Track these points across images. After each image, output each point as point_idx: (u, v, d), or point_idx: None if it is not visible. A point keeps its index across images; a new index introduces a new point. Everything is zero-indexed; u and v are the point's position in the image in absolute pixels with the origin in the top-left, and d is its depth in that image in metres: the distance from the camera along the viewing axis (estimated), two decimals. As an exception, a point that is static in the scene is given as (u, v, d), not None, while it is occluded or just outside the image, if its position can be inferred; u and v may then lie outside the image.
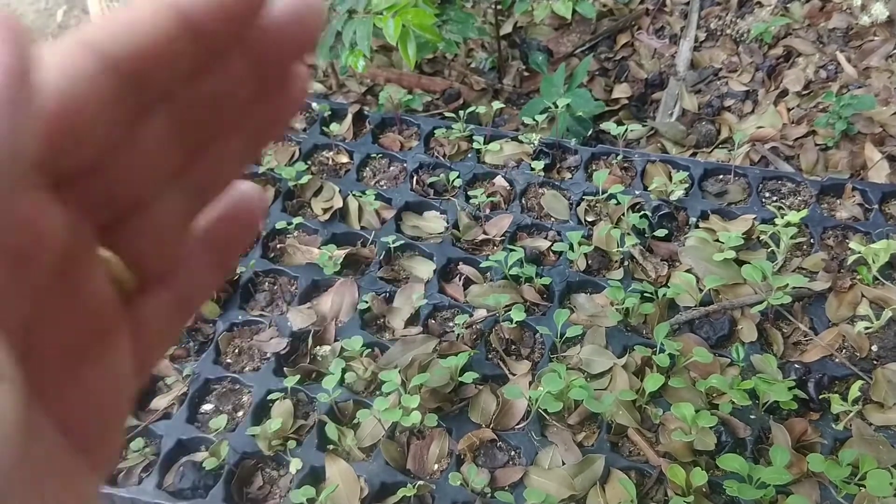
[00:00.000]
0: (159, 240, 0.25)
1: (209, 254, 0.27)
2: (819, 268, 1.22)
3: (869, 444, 1.03)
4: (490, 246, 1.33)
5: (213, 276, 0.28)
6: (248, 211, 0.28)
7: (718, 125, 1.65)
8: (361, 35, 1.35)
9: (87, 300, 0.23)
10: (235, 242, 0.28)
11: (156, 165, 0.23)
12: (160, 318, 0.26)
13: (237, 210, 0.28)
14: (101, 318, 0.23)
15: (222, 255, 0.28)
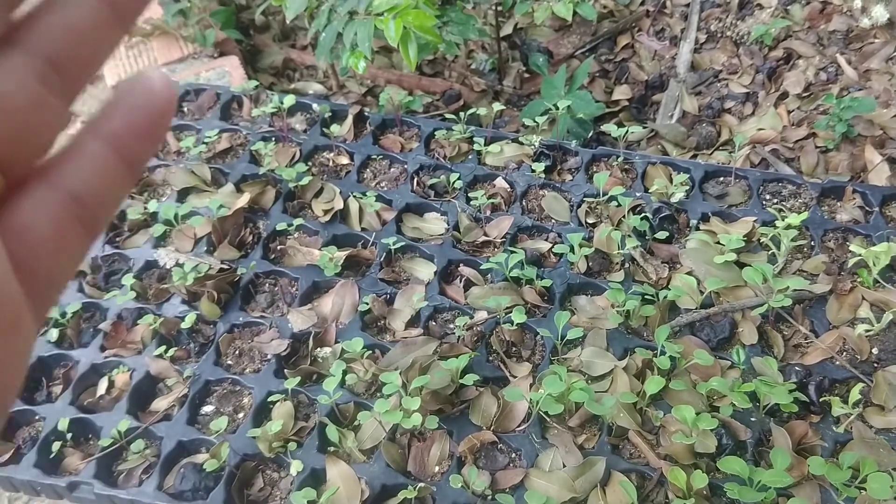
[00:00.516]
0: (9, 116, 0.22)
1: (112, 154, 0.24)
2: (820, 270, 1.22)
3: (869, 446, 1.03)
4: (491, 248, 1.33)
5: (119, 180, 0.25)
6: (154, 105, 0.24)
7: (719, 127, 1.65)
8: (362, 36, 1.35)
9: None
10: (141, 140, 0.25)
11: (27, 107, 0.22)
12: (47, 224, 0.23)
13: (137, 104, 0.24)
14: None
15: (128, 154, 0.25)
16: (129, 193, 1.42)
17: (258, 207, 1.40)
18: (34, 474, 1.09)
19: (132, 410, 1.15)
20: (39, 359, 1.23)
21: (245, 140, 1.53)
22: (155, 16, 1.89)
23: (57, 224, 0.23)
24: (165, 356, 1.19)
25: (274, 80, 1.93)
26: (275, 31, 2.04)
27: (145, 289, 1.30)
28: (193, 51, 1.83)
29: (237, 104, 1.61)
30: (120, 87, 0.25)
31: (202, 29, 1.82)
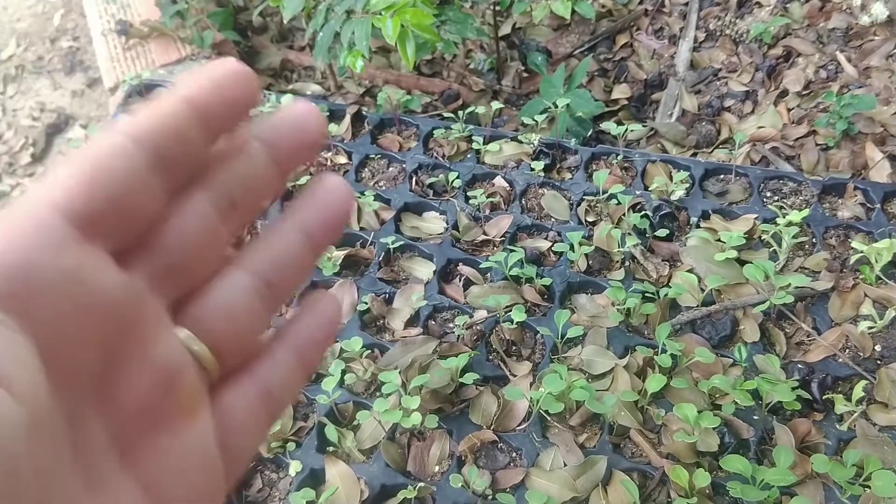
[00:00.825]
0: (232, 319, 0.27)
1: (291, 352, 0.29)
2: (821, 267, 1.21)
3: (873, 444, 1.02)
4: (490, 247, 1.32)
5: (296, 374, 0.29)
6: (325, 324, 0.30)
7: (718, 125, 1.64)
8: (360, 35, 1.34)
9: (160, 366, 0.25)
10: (315, 351, 0.30)
11: (207, 242, 0.27)
12: (245, 410, 0.28)
13: (315, 321, 0.30)
14: (178, 389, 0.25)
15: (303, 355, 0.29)
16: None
17: (256, 207, 1.39)
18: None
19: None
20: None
21: (243, 140, 1.52)
22: (152, 17, 1.89)
23: (252, 410, 0.28)
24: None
25: (272, 81, 1.93)
26: (272, 33, 2.04)
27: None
28: (191, 52, 1.83)
29: (235, 104, 1.61)
30: (304, 302, 0.31)
31: (200, 30, 1.82)
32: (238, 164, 0.27)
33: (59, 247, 0.22)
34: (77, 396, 0.23)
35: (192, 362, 0.26)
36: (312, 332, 0.30)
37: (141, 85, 1.64)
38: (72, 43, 2.78)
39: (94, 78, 2.63)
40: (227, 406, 0.27)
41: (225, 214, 0.27)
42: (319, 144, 0.29)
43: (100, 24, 1.91)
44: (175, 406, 0.25)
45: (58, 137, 2.51)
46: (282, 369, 0.29)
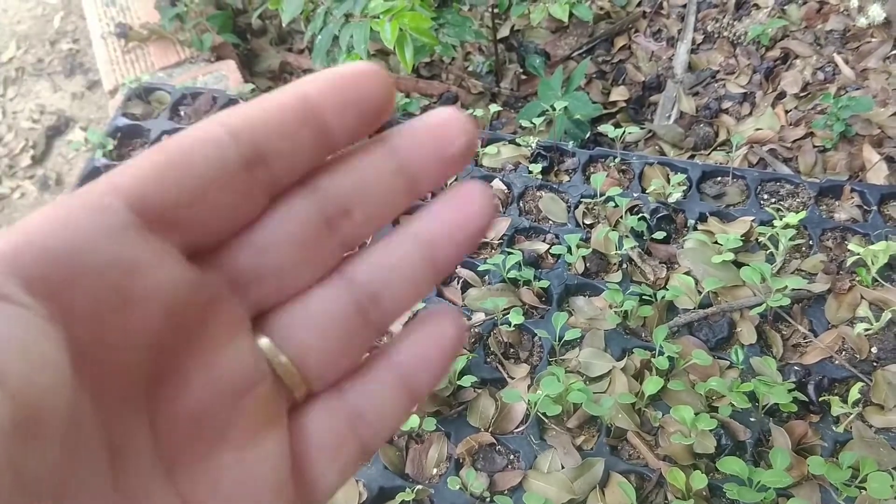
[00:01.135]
0: (323, 332, 0.24)
1: (393, 372, 0.25)
2: (818, 269, 1.22)
3: (869, 446, 1.02)
4: (488, 249, 1.32)
5: (398, 398, 0.25)
6: (441, 342, 0.25)
7: (716, 127, 1.65)
8: (358, 39, 1.35)
9: (227, 375, 0.23)
10: (424, 375, 0.26)
11: (307, 249, 0.24)
12: (330, 435, 0.25)
13: (428, 339, 0.26)
14: (246, 402, 0.23)
15: (408, 376, 0.25)
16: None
17: (255, 210, 1.40)
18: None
19: None
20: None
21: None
22: (152, 20, 1.89)
23: (338, 436, 0.25)
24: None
25: (271, 83, 1.93)
26: (271, 35, 2.04)
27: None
28: (190, 55, 1.84)
29: (234, 107, 1.61)
30: (419, 316, 0.26)
31: (199, 33, 1.83)
32: (357, 170, 0.24)
33: (113, 234, 0.20)
34: (118, 399, 0.20)
35: (270, 376, 0.24)
36: (424, 351, 0.25)
37: (140, 88, 1.65)
38: (72, 45, 2.79)
39: (93, 80, 2.63)
40: (309, 429, 0.25)
41: (334, 223, 0.24)
42: (462, 158, 0.24)
43: (99, 27, 1.92)
44: (241, 422, 0.23)
45: (58, 140, 2.51)
46: (380, 392, 0.25)
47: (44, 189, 2.38)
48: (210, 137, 0.22)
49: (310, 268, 0.24)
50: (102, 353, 0.20)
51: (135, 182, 0.21)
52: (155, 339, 0.21)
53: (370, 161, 0.24)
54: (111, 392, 0.20)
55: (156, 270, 0.21)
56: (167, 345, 0.21)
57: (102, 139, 1.52)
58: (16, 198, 2.36)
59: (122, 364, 0.20)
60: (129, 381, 0.21)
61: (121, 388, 0.20)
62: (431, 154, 0.24)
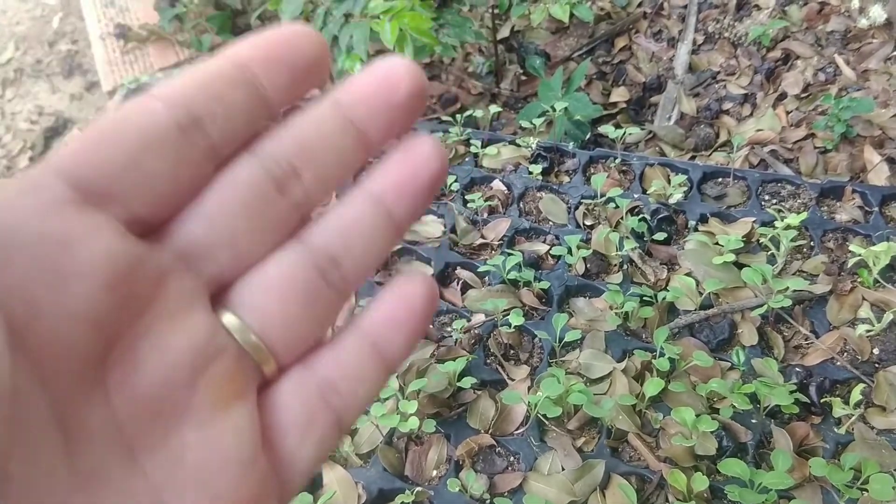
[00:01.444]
0: (284, 302, 0.24)
1: (363, 338, 0.25)
2: (819, 271, 1.21)
3: (871, 447, 1.02)
4: (488, 250, 1.32)
5: (370, 365, 0.25)
6: (410, 304, 0.25)
7: (717, 128, 1.64)
8: (358, 39, 1.34)
9: (184, 350, 0.22)
10: (395, 339, 0.25)
11: (259, 214, 0.23)
12: (302, 408, 0.24)
13: (397, 302, 0.25)
14: (206, 378, 0.22)
15: (379, 341, 0.25)
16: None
17: (254, 211, 1.40)
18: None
19: None
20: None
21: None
22: (151, 21, 1.89)
23: (311, 408, 0.24)
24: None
25: (270, 84, 1.93)
26: (271, 36, 2.04)
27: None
28: (189, 56, 1.83)
29: (233, 108, 1.61)
30: (382, 294, 0.25)
31: (198, 34, 1.82)
32: (301, 130, 0.24)
33: (46, 210, 0.20)
34: (66, 378, 0.20)
35: (232, 350, 0.23)
36: (394, 314, 0.25)
37: (139, 88, 1.64)
38: (70, 46, 2.78)
39: (92, 81, 2.63)
40: (279, 402, 0.24)
41: (284, 186, 0.23)
42: (410, 104, 0.24)
43: (98, 28, 1.92)
44: (202, 398, 0.22)
45: (56, 141, 2.51)
46: (351, 360, 0.25)
47: (43, 190, 2.37)
48: (142, 107, 0.22)
49: (264, 235, 0.24)
50: (42, 330, 0.19)
51: (70, 158, 0.21)
52: (98, 314, 0.20)
53: (314, 119, 0.24)
54: (57, 371, 0.20)
55: (92, 244, 0.20)
56: (113, 320, 0.21)
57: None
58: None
59: (65, 341, 0.20)
60: (76, 358, 0.20)
61: (68, 367, 0.20)
62: (377, 104, 0.24)
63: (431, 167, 0.24)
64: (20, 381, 0.18)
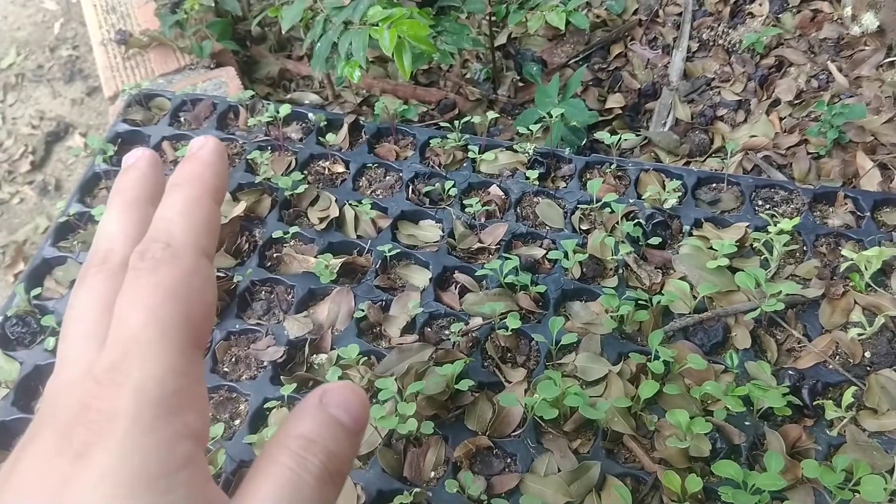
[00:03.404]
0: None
1: None
2: (812, 275, 1.23)
3: (863, 449, 1.03)
4: (485, 254, 1.33)
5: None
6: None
7: (711, 134, 1.66)
8: (357, 46, 1.36)
9: None
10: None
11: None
12: None
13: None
14: None
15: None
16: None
17: (254, 216, 1.41)
18: (31, 482, 1.09)
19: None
20: (36, 367, 1.23)
21: (241, 149, 1.54)
22: (152, 27, 1.91)
23: None
24: (162, 364, 1.19)
25: (270, 90, 1.94)
26: (271, 42, 2.06)
27: (142, 297, 1.30)
28: (190, 62, 1.85)
29: (233, 114, 1.62)
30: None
31: (199, 40, 1.84)
32: None
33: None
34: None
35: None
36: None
37: (140, 94, 1.66)
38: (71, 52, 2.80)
39: (93, 86, 2.64)
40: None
41: None
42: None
43: (100, 34, 1.93)
44: None
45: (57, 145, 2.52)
46: None
47: (43, 194, 2.39)
48: None
49: None
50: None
51: None
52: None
53: None
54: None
55: None
56: None
57: (103, 145, 1.53)
58: (15, 203, 2.36)
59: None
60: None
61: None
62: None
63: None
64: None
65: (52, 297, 1.33)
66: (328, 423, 0.34)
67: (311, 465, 0.32)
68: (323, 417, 0.34)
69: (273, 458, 0.33)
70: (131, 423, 0.29)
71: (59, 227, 1.43)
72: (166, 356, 0.31)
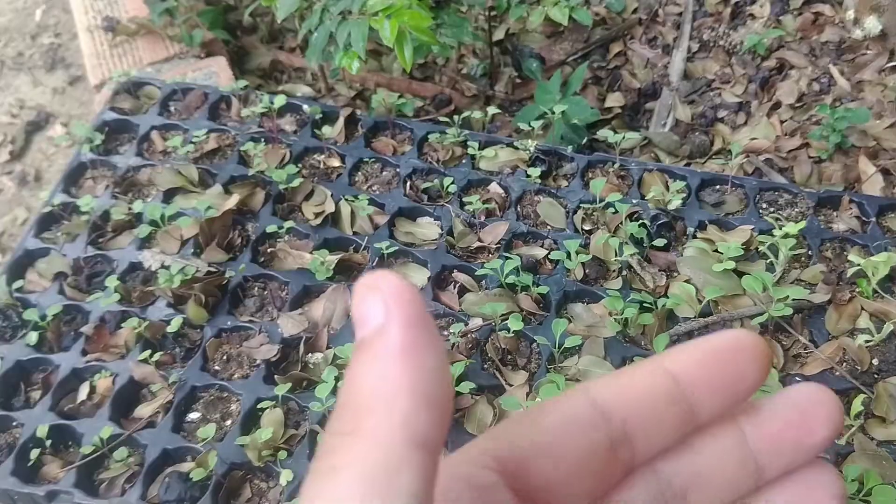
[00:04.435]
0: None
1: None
2: (818, 280, 1.21)
3: (871, 458, 1.01)
4: (485, 254, 1.30)
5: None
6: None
7: (712, 136, 1.64)
8: (356, 36, 1.32)
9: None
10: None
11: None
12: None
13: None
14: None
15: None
16: (115, 194, 1.39)
17: (247, 209, 1.37)
18: (11, 483, 1.04)
19: (115, 417, 1.11)
20: (18, 363, 1.18)
21: (234, 140, 1.49)
22: (140, 14, 1.85)
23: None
24: (150, 361, 1.15)
25: (261, 81, 1.90)
26: (262, 33, 2.01)
27: (129, 291, 1.25)
28: (180, 51, 1.80)
29: (225, 104, 1.58)
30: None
31: (189, 29, 1.79)
32: (702, 456, 0.24)
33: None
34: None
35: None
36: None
37: (129, 82, 1.61)
38: (53, 39, 2.73)
39: (76, 76, 2.58)
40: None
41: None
42: (823, 448, 0.24)
43: (86, 20, 1.88)
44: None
45: (37, 135, 2.46)
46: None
47: (22, 185, 2.32)
48: (583, 417, 0.23)
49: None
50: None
51: (511, 456, 0.23)
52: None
53: (718, 446, 0.24)
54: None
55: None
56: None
57: (90, 133, 1.48)
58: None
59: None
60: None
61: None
62: (786, 444, 0.24)
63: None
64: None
65: (34, 290, 1.28)
66: None
67: None
68: None
69: None
70: None
71: (43, 218, 1.37)
72: None
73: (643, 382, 0.23)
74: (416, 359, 0.21)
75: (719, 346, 0.23)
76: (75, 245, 1.32)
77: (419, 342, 0.21)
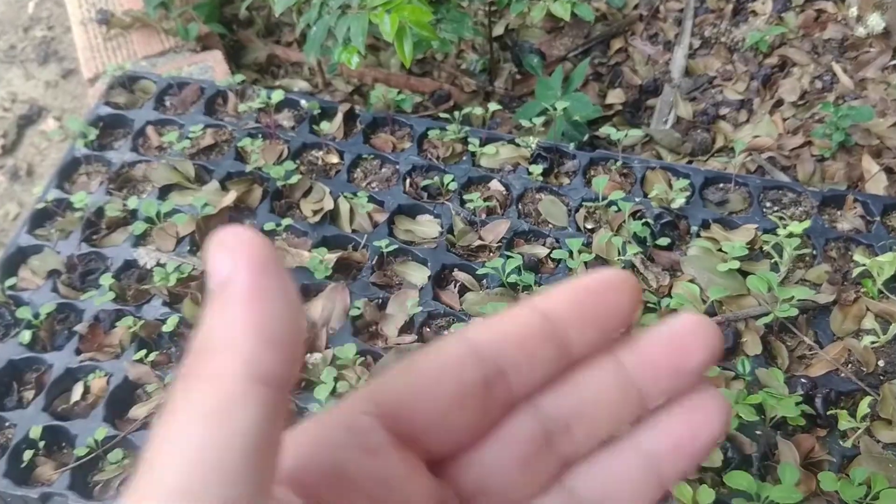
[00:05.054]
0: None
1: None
2: (822, 280, 1.20)
3: (878, 461, 1.00)
4: (486, 252, 1.28)
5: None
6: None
7: (713, 134, 1.62)
8: (356, 31, 1.30)
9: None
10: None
11: (524, 469, 0.25)
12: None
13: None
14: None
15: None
16: (110, 190, 1.37)
17: (244, 206, 1.35)
18: (4, 485, 1.02)
19: (109, 418, 1.09)
20: (10, 362, 1.16)
21: (230, 136, 1.47)
22: (135, 7, 1.83)
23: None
24: (145, 361, 1.13)
25: (258, 76, 1.87)
26: (258, 27, 1.98)
27: (124, 290, 1.23)
28: (175, 44, 1.77)
29: (222, 99, 1.56)
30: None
31: (184, 22, 1.76)
32: (582, 387, 0.25)
33: (372, 451, 0.23)
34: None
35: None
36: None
37: (124, 76, 1.58)
38: (46, 32, 2.70)
39: (68, 69, 2.55)
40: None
41: (554, 439, 0.25)
42: (701, 373, 0.25)
43: (79, 13, 1.85)
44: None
45: (30, 129, 2.43)
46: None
47: (14, 180, 2.29)
48: (457, 357, 0.24)
49: (529, 484, 0.25)
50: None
51: (389, 400, 0.23)
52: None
53: (596, 377, 0.25)
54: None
55: (407, 484, 0.23)
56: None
57: (83, 128, 1.45)
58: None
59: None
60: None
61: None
62: (664, 370, 0.24)
63: (713, 430, 0.25)
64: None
65: (27, 287, 1.26)
66: None
67: None
68: None
69: None
70: None
71: (36, 214, 1.35)
72: None
73: (515, 321, 0.24)
74: (262, 302, 0.21)
75: (588, 284, 0.24)
76: (69, 242, 1.30)
77: (266, 287, 0.21)
